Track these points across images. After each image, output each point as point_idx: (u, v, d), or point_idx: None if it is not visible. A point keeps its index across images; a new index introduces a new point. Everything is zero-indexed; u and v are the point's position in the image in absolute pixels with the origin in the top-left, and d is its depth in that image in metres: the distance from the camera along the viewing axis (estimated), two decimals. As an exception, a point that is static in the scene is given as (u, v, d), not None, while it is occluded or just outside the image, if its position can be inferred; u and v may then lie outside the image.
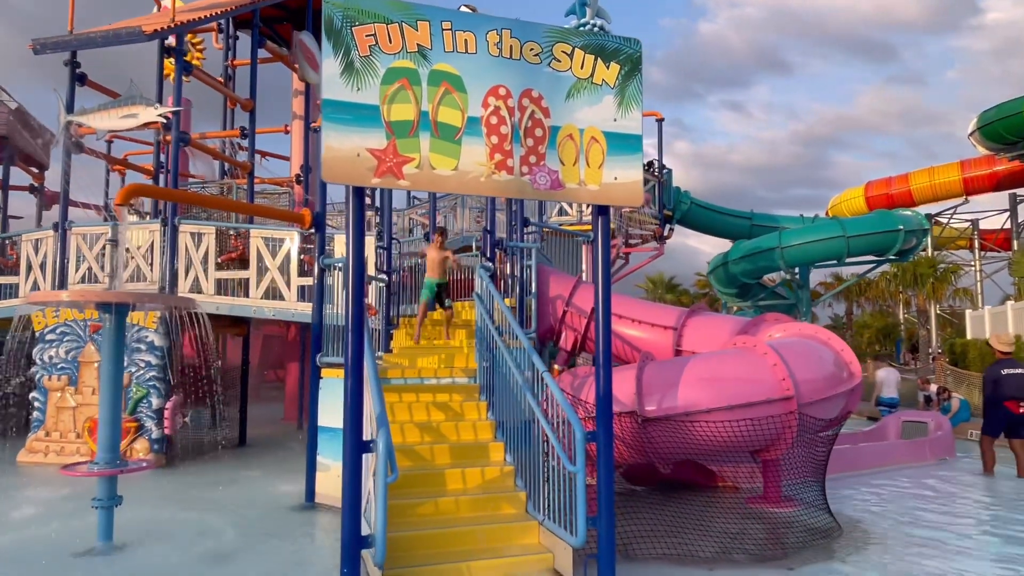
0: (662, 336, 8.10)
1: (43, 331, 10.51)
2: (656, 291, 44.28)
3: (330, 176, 4.19)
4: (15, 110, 13.77)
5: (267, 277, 9.99)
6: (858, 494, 8.08)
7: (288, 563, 5.61)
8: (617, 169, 4.79)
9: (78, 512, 6.64)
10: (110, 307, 5.95)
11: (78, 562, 5.53)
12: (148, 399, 9.93)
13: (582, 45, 4.78)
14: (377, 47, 4.28)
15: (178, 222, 10.25)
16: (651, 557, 5.55)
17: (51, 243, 10.79)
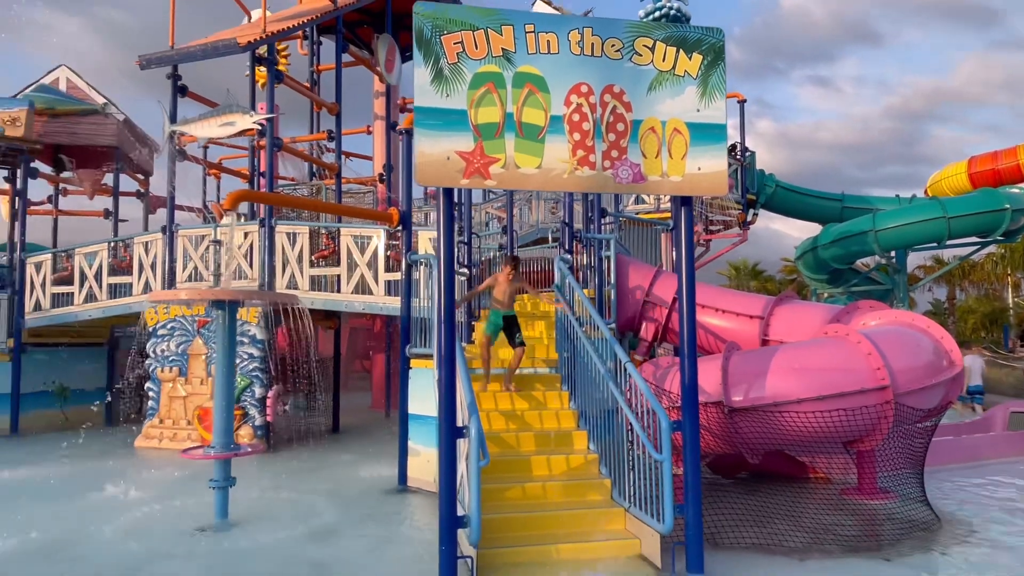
0: (748, 325, 8.02)
1: (155, 326, 11.43)
2: (739, 278, 43.08)
3: (423, 179, 4.47)
4: (123, 121, 14.87)
5: (357, 273, 10.46)
6: (960, 487, 7.76)
7: (386, 541, 5.96)
8: (701, 159, 4.85)
9: (195, 492, 7.22)
10: (223, 304, 6.49)
11: (199, 537, 6.06)
12: (251, 388, 10.64)
13: (664, 38, 4.85)
14: (464, 54, 4.51)
15: (274, 223, 10.89)
16: (739, 546, 5.57)
17: (160, 245, 11.67)
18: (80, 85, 14.70)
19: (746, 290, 39.66)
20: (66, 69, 14.76)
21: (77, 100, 14.41)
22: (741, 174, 18.14)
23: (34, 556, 5.59)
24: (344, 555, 5.60)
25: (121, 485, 8.27)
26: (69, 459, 9.96)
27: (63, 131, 14.07)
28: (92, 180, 15.42)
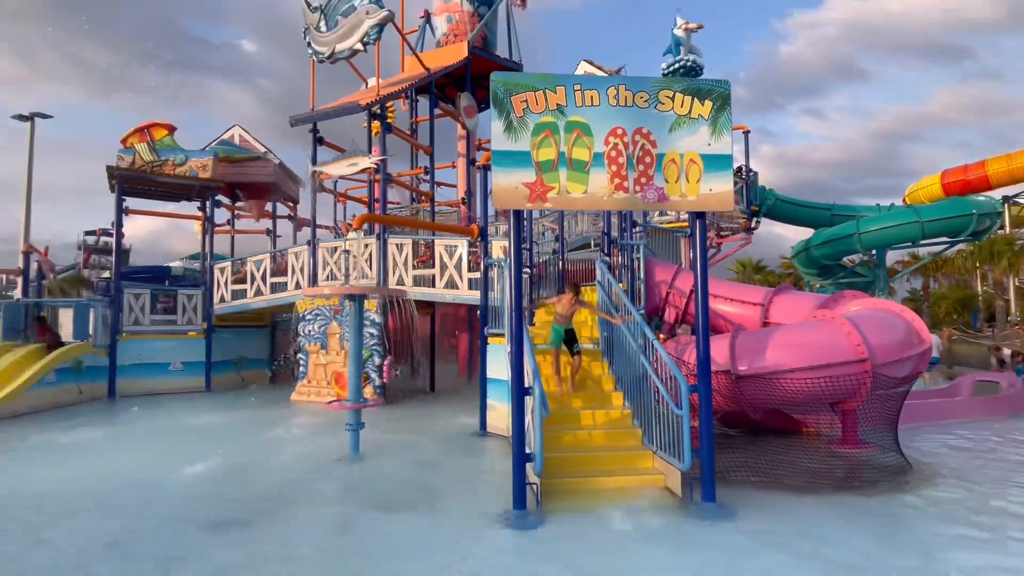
0: (751, 311, 7.77)
1: (304, 313, 12.01)
2: (745, 273, 41.35)
3: (498, 203, 4.60)
4: (278, 164, 15.68)
5: (446, 273, 10.73)
6: (930, 441, 7.34)
7: (475, 470, 6.15)
8: (712, 183, 4.79)
9: (335, 433, 7.54)
10: (353, 297, 6.83)
11: (338, 466, 6.37)
12: (372, 358, 11.08)
13: (681, 89, 4.81)
14: (528, 109, 4.61)
15: (387, 237, 11.29)
16: (745, 483, 5.47)
17: (305, 254, 12.26)
18: (248, 139, 15.58)
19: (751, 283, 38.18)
20: (239, 128, 15.67)
21: (246, 150, 15.28)
22: (746, 190, 17.44)
23: (224, 476, 6.04)
24: (443, 479, 5.79)
25: (282, 427, 8.77)
26: (245, 408, 10.64)
27: (237, 173, 14.95)
28: (258, 208, 16.32)
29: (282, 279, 12.84)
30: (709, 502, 4.73)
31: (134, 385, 12.57)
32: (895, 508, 4.82)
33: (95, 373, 12.13)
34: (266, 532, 4.41)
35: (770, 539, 4.14)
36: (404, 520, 4.63)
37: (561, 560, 3.85)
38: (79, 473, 6.12)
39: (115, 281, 12.87)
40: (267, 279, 12.97)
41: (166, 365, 13.06)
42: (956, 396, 10.15)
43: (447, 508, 4.91)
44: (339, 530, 4.49)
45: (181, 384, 13.08)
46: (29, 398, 10.25)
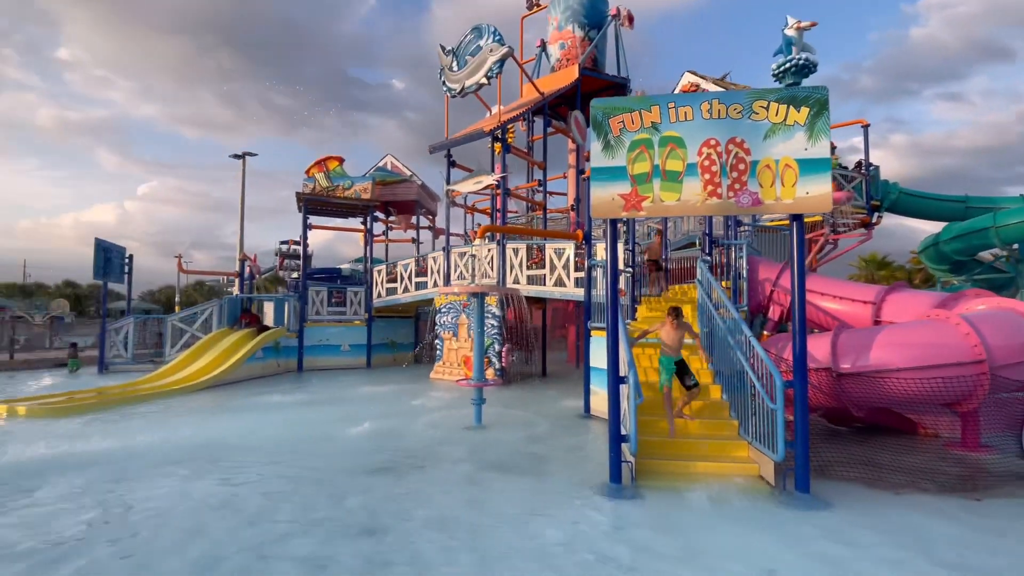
0: (862, 309, 6.98)
1: (440, 307, 13.02)
2: (868, 269, 36.12)
3: (596, 214, 4.71)
4: (421, 185, 17.06)
5: (555, 273, 10.96)
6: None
7: (577, 446, 6.29)
8: (808, 186, 4.45)
9: (463, 406, 8.09)
10: (477, 294, 7.33)
11: (466, 433, 6.90)
12: (493, 345, 11.69)
13: (776, 99, 4.53)
14: (624, 128, 4.65)
15: (505, 242, 11.81)
16: (843, 478, 5.00)
17: (441, 258, 13.26)
18: (398, 165, 17.15)
19: (874, 280, 33.38)
20: (391, 156, 17.29)
21: (396, 174, 16.84)
22: (865, 184, 15.38)
23: (380, 434, 6.83)
24: (550, 451, 6.02)
25: (423, 398, 9.59)
26: (396, 383, 11.78)
27: (389, 193, 16.55)
28: (405, 221, 17.88)
29: (423, 279, 13.99)
30: (802, 492, 4.43)
31: (315, 362, 14.54)
32: (1004, 512, 4.11)
33: (288, 352, 14.25)
34: (411, 478, 5.00)
35: (859, 530, 3.80)
36: (516, 481, 4.95)
37: (649, 527, 3.89)
38: (278, 426, 7.34)
39: (302, 281, 14.97)
40: (412, 279, 14.22)
41: (338, 347, 14.90)
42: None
43: (553, 475, 5.13)
44: (464, 482, 4.92)
45: (349, 362, 14.86)
46: (244, 369, 12.35)
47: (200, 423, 7.64)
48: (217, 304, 14.39)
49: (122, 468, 5.22)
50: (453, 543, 3.57)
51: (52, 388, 10.73)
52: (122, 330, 13.85)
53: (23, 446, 6.12)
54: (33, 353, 17.48)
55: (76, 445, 6.19)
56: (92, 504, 4.26)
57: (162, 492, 4.56)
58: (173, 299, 37.31)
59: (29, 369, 14.55)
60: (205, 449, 6.01)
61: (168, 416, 8.13)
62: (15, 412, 7.83)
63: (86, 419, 7.73)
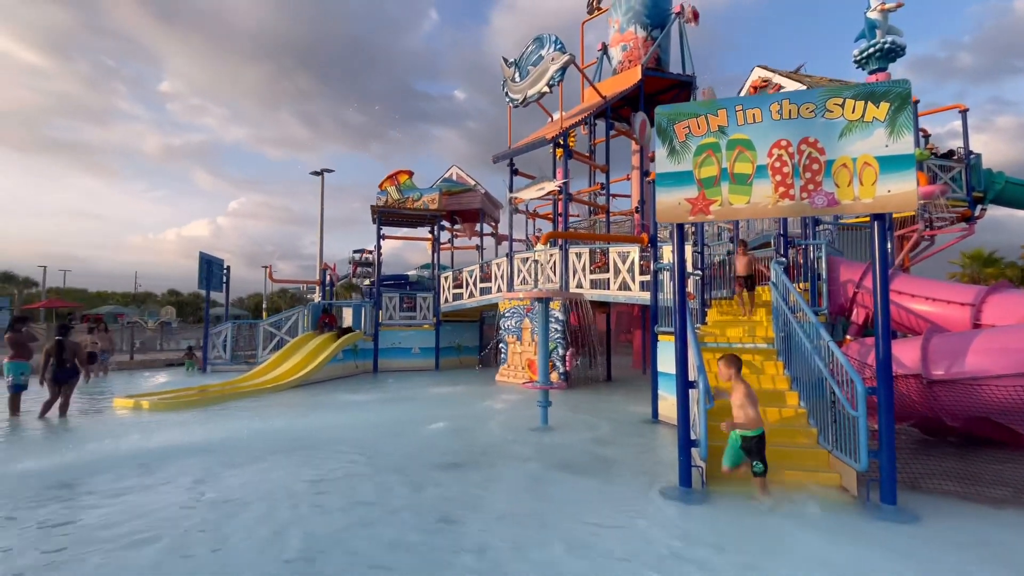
0: (959, 312, 6.44)
1: (504, 311, 13.37)
2: (972, 267, 32.34)
3: (662, 218, 4.77)
4: (484, 194, 17.60)
5: (620, 276, 10.95)
6: None
7: (645, 450, 6.29)
8: (890, 183, 4.26)
9: (529, 408, 8.34)
10: (541, 300, 7.55)
11: (531, 433, 7.09)
12: (557, 349, 11.85)
13: (852, 95, 4.38)
14: (690, 133, 4.70)
15: (567, 247, 11.95)
16: (936, 491, 4.71)
17: (505, 264, 13.63)
18: (463, 175, 17.80)
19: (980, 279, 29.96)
20: (456, 167, 17.99)
21: (461, 184, 17.49)
22: (966, 174, 13.96)
23: (451, 432, 7.19)
24: (616, 454, 6.08)
25: (490, 400, 9.91)
26: (464, 384, 12.26)
27: (455, 203, 17.23)
28: (469, 228, 18.50)
29: (487, 284, 14.44)
30: (888, 504, 4.23)
31: (389, 364, 15.41)
32: None
33: (365, 354, 15.21)
34: (479, 474, 5.28)
35: (946, 545, 3.58)
36: (582, 481, 5.08)
37: (720, 531, 3.89)
38: (358, 422, 7.94)
39: (377, 288, 15.94)
40: (477, 284, 14.71)
41: (409, 349, 15.71)
42: None
43: (620, 477, 5.21)
44: (531, 479, 5.13)
45: (419, 364, 15.61)
46: (327, 370, 13.37)
47: (292, 418, 8.43)
48: (302, 310, 15.67)
49: (226, 455, 5.94)
50: (524, 538, 3.78)
51: (166, 385, 12.21)
52: (222, 334, 15.46)
53: (145, 435, 7.09)
54: (147, 354, 19.88)
55: (187, 434, 7.08)
56: (201, 486, 4.88)
57: (260, 477, 5.13)
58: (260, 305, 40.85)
59: (145, 368, 16.59)
60: (297, 441, 6.66)
61: (263, 411, 9.05)
62: (140, 406, 9.05)
63: (194, 413, 8.78)
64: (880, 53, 15.17)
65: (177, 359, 17.50)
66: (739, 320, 8.40)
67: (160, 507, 4.32)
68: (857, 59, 15.70)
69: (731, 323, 8.31)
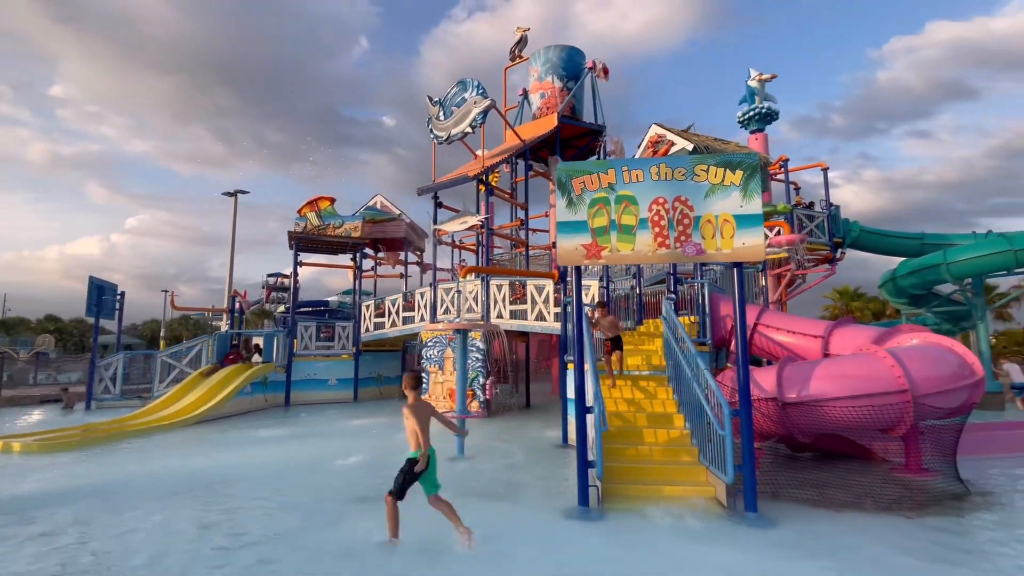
0: (812, 343, 7.60)
1: (427, 341, 13.40)
2: (842, 300, 37.27)
3: (562, 261, 5.29)
4: (409, 223, 17.71)
5: (536, 308, 11.51)
6: (1006, 471, 6.57)
7: (553, 474, 6.62)
8: (744, 238, 5.09)
9: (448, 439, 8.14)
10: (459, 331, 7.82)
11: (448, 463, 7.13)
12: (478, 378, 12.08)
13: (715, 163, 5.22)
14: (585, 188, 5.31)
15: (489, 279, 12.37)
16: (794, 499, 5.43)
17: (429, 293, 13.76)
18: (387, 204, 17.83)
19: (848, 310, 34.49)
20: (380, 196, 17.99)
21: (385, 213, 17.49)
22: (827, 223, 16.39)
23: (364, 466, 7.15)
24: (527, 478, 6.38)
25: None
26: (381, 415, 12.05)
27: (378, 231, 17.15)
28: (393, 257, 18.43)
29: (411, 313, 14.43)
30: (751, 512, 4.88)
31: (303, 396, 14.74)
32: (932, 530, 4.58)
33: (276, 386, 14.46)
34: (393, 507, 5.35)
35: (797, 545, 4.26)
36: (493, 506, 5.33)
37: (609, 545, 4.31)
38: (265, 459, 7.61)
39: (292, 316, 15.33)
40: (400, 313, 14.65)
41: (325, 381, 15.15)
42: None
43: (527, 500, 5.52)
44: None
45: (336, 396, 15.08)
46: (232, 405, 12.55)
47: (188, 457, 7.89)
48: (207, 339, 14.64)
49: (112, 500, 5.50)
50: (428, 563, 3.95)
51: (43, 424, 10.83)
52: (111, 366, 14.00)
53: (15, 480, 6.34)
54: (18, 389, 17.38)
55: (67, 478, 6.43)
56: (79, 534, 4.53)
57: (147, 523, 4.81)
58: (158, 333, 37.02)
59: (16, 405, 14.52)
60: (195, 481, 6.29)
61: (157, 451, 8.36)
62: (11, 448, 8.01)
63: (76, 455, 7.93)
64: (758, 116, 17.62)
65: (54, 394, 15.49)
66: (639, 350, 9.16)
67: (33, 561, 3.96)
68: (740, 120, 18.10)
69: (631, 353, 9.05)
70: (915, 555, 4.06)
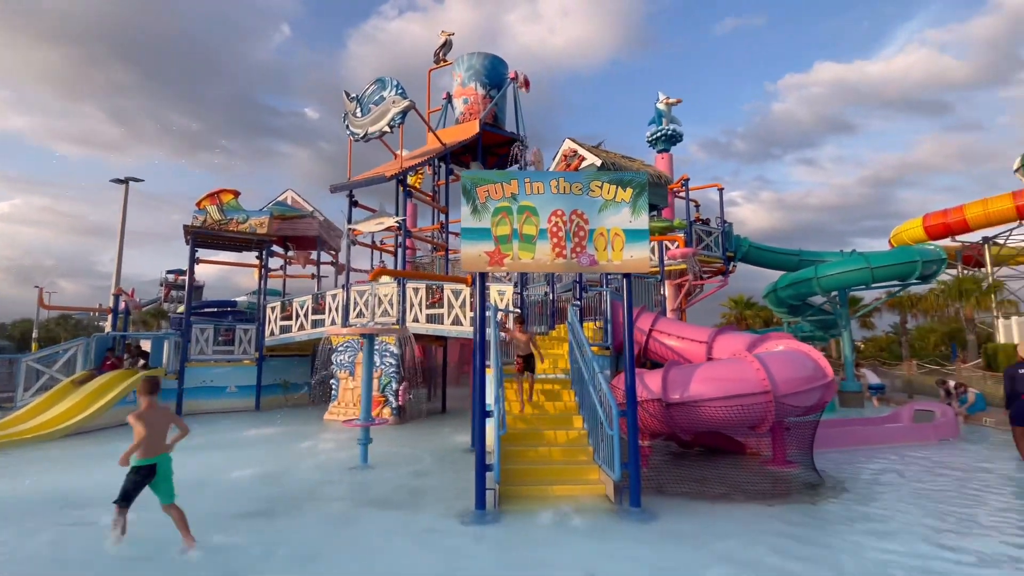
0: (698, 348, 8.29)
1: (337, 346, 12.89)
2: (738, 309, 41.03)
3: (466, 267, 5.38)
4: (323, 221, 16.93)
5: (453, 312, 11.50)
6: (859, 462, 7.57)
7: (458, 478, 6.61)
8: (632, 251, 5.48)
9: (353, 447, 8.06)
10: (366, 336, 7.62)
11: (350, 472, 7.00)
12: (391, 384, 11.82)
13: (608, 180, 5.57)
14: (489, 196, 5.43)
15: (406, 281, 12.16)
16: (677, 494, 5.85)
17: (340, 296, 13.23)
18: (299, 200, 16.93)
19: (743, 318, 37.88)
20: (291, 191, 17.05)
21: (296, 209, 16.60)
22: (721, 238, 17.95)
23: (259, 478, 6.74)
24: (430, 484, 6.35)
25: (312, 440, 9.41)
26: (284, 425, 11.39)
27: (288, 228, 16.22)
28: (303, 257, 17.50)
29: (321, 316, 13.76)
30: (635, 507, 5.21)
31: (198, 405, 13.53)
32: (788, 515, 5.17)
33: (166, 394, 13.14)
34: (281, 521, 5.10)
35: (671, 535, 4.64)
36: (387, 515, 5.26)
37: (500, 546, 4.43)
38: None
39: (186, 317, 14.04)
40: (309, 316, 13.94)
41: (223, 388, 14.02)
42: (899, 423, 10.29)
43: (426, 507, 5.50)
44: (336, 520, 5.12)
45: (235, 404, 14.00)
46: (112, 415, 11.24)
47: (51, 473, 6.99)
48: (83, 343, 12.99)
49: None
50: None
51: None
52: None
53: None
54: None
55: None
56: None
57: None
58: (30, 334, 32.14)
59: None
60: (53, 501, 5.59)
61: (17, 467, 7.32)
62: None
63: None
64: (665, 137, 18.95)
65: None
66: (548, 353, 9.43)
67: None
68: (649, 140, 19.38)
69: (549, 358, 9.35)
70: (771, 538, 4.56)
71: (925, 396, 15.33)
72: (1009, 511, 5.41)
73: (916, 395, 15.36)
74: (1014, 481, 6.66)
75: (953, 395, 12.17)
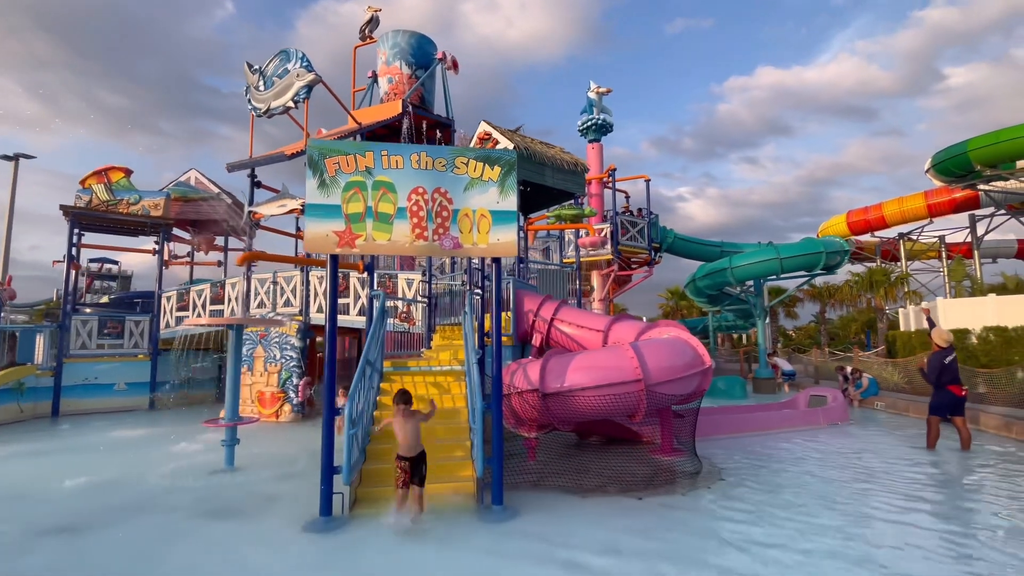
0: (596, 336, 8.07)
1: (237, 337, 11.93)
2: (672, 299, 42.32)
3: (311, 248, 4.81)
4: (230, 203, 15.66)
5: (360, 301, 10.86)
6: (739, 449, 7.65)
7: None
8: (499, 234, 5.09)
9: (219, 451, 7.31)
10: (232, 326, 6.90)
11: (211, 477, 6.34)
12: (291, 379, 11.04)
13: (475, 156, 5.15)
14: (340, 170, 4.88)
15: (309, 270, 11.38)
16: (554, 488, 5.58)
17: (240, 284, 12.25)
18: (203, 180, 15.58)
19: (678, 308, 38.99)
20: (195, 171, 15.66)
21: (200, 190, 15.27)
22: (648, 229, 18.13)
23: (96, 487, 5.94)
24: (288, 489, 5.74)
25: (187, 442, 8.51)
26: (167, 425, 10.34)
27: (191, 211, 14.91)
28: (207, 242, 16.20)
29: (220, 307, 12.73)
30: (497, 505, 4.88)
31: (78, 404, 12.21)
32: (653, 508, 5.00)
33: (38, 393, 11.76)
34: (90, 537, 4.41)
35: (526, 534, 4.32)
36: (225, 527, 4.67)
37: (335, 558, 3.97)
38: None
39: (63, 308, 12.59)
40: (207, 307, 12.85)
41: (111, 386, 12.72)
42: (795, 408, 10.62)
43: (274, 515, 4.92)
44: (162, 533, 4.48)
45: (125, 403, 12.74)
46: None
47: None
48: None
49: None
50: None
51: None
52: None
53: None
54: None
55: None
56: None
57: None
58: None
59: None
60: None
61: None
62: None
63: None
64: (595, 127, 18.85)
65: None
66: (452, 345, 9.09)
67: None
68: (580, 129, 19.22)
69: (445, 347, 8.94)
70: (620, 535, 4.31)
71: (831, 382, 16.15)
72: (867, 495, 5.50)
73: (822, 381, 16.16)
74: (887, 463, 6.88)
75: (850, 380, 12.78)
